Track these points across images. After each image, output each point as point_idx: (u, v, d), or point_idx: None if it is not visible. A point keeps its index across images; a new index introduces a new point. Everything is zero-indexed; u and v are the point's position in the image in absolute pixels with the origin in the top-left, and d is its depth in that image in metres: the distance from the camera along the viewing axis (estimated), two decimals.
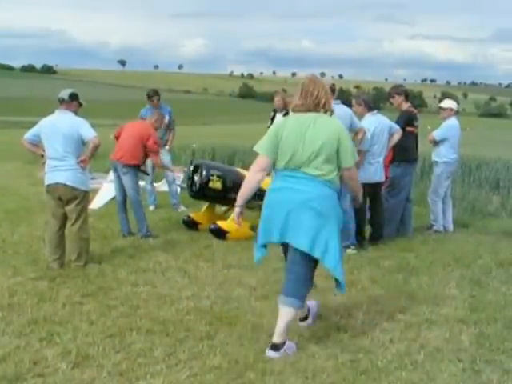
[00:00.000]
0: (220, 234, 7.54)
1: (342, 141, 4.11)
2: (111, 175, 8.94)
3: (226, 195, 7.74)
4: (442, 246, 7.49)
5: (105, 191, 10.04)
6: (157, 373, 3.79)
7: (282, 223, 4.10)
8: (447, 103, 8.54)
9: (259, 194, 7.72)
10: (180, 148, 14.83)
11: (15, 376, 3.70)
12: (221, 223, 7.64)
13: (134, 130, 7.69)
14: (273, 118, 9.78)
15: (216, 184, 7.67)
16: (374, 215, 7.60)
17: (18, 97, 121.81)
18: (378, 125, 7.37)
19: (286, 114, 9.57)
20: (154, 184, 10.14)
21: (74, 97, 6.28)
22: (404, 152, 7.83)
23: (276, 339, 4.14)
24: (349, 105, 7.46)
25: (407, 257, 6.89)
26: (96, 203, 9.53)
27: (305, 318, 4.64)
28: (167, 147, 9.67)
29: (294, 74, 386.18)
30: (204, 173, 7.67)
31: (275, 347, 4.12)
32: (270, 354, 4.10)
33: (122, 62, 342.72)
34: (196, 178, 7.79)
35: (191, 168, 8.03)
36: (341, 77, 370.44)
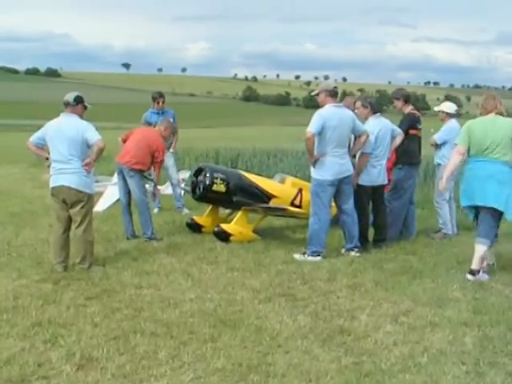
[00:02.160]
0: (224, 236, 7.56)
1: None
2: (115, 178, 8.96)
3: (229, 198, 7.76)
4: (445, 249, 7.49)
5: (109, 194, 10.06)
6: (161, 375, 3.81)
7: (477, 192, 6.00)
8: (441, 106, 8.55)
9: (261, 197, 7.82)
10: (184, 151, 14.85)
11: (20, 378, 3.73)
12: (224, 226, 7.65)
13: (143, 137, 7.72)
14: None
15: (220, 187, 7.69)
16: (378, 218, 7.60)
17: (22, 100, 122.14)
18: (382, 128, 7.37)
19: None
20: (158, 187, 10.15)
21: (79, 100, 6.32)
22: (407, 155, 7.82)
23: (473, 266, 6.02)
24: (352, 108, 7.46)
25: (410, 259, 6.89)
26: (100, 206, 9.56)
27: (478, 272, 6.04)
28: (172, 150, 9.70)
29: (297, 77, 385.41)
30: (208, 176, 7.69)
31: (472, 272, 6.01)
32: (468, 276, 6.00)
33: (126, 65, 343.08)
34: (200, 180, 7.81)
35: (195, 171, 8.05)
36: (345, 80, 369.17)
